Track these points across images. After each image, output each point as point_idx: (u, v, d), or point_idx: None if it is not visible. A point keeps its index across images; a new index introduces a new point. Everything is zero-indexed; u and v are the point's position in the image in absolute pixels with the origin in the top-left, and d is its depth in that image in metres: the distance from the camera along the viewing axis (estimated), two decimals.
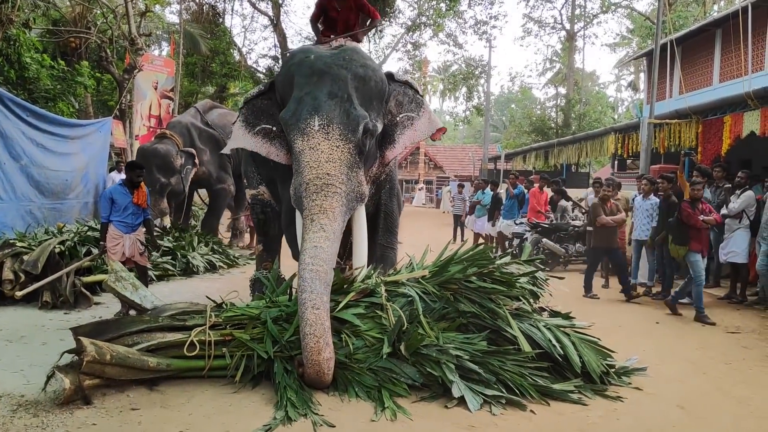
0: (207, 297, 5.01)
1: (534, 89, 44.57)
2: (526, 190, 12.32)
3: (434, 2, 23.89)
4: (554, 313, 5.35)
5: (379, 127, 5.15)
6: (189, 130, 11.81)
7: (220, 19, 24.62)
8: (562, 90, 36.97)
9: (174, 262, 9.11)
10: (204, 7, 24.16)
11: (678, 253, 7.55)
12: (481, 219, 13.58)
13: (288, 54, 6.10)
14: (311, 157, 4.66)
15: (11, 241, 7.13)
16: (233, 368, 4.29)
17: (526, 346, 4.49)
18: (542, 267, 5.94)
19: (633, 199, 9.55)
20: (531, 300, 5.21)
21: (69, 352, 4.05)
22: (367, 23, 6.33)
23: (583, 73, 39.22)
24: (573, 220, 11.29)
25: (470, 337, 4.54)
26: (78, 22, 17.05)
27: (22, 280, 6.63)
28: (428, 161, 41.88)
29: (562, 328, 4.85)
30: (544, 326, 4.75)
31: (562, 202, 11.34)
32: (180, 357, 4.25)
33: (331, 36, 5.77)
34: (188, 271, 9.22)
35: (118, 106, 15.13)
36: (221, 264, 10.08)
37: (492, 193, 13.19)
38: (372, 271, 5.10)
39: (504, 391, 4.21)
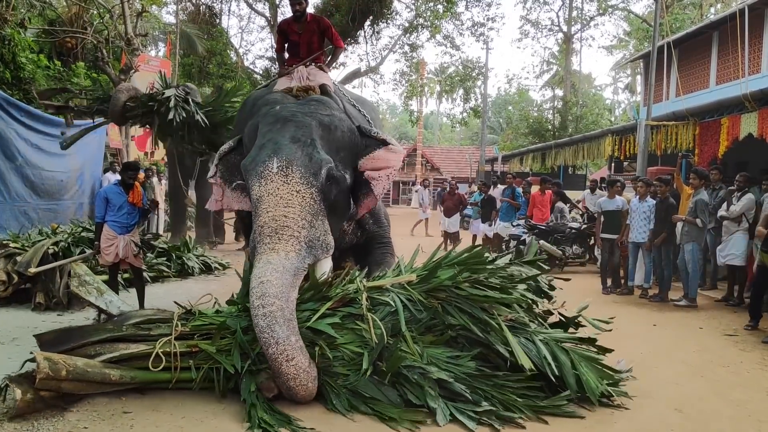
0: (175, 302, 4.77)
1: (531, 91, 44.58)
2: (522, 192, 12.33)
3: (431, 4, 23.85)
4: (562, 319, 5.01)
5: (348, 178, 4.86)
6: None
7: (217, 20, 24.58)
8: (559, 92, 36.97)
9: (169, 264, 9.06)
10: (201, 8, 24.11)
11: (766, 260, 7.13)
12: (476, 221, 13.59)
13: (252, 100, 5.66)
14: (269, 202, 4.31)
15: (5, 242, 7.10)
16: (200, 382, 4.09)
17: (526, 362, 4.14)
18: (546, 268, 5.59)
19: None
20: (533, 304, 4.84)
21: (31, 361, 3.84)
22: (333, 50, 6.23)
23: (580, 75, 39.23)
24: (570, 221, 11.28)
25: (458, 356, 4.23)
26: (74, 22, 16.96)
27: (14, 281, 6.59)
28: (425, 163, 41.87)
29: (561, 343, 4.46)
30: (541, 340, 4.37)
31: (560, 204, 11.31)
32: (145, 368, 4.04)
33: (293, 65, 5.63)
34: (183, 272, 9.18)
35: None
36: (217, 265, 10.03)
37: (483, 194, 13.22)
38: (356, 274, 4.76)
39: (498, 408, 4.00)
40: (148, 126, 7.30)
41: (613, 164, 17.65)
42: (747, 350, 6.17)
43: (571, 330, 4.95)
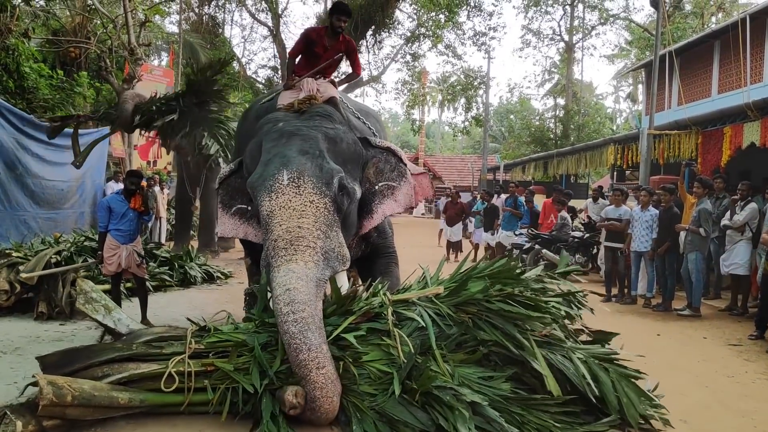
0: (188, 319, 4.56)
1: (533, 100, 44.62)
2: (524, 201, 12.34)
3: (433, 14, 23.93)
4: (591, 337, 4.78)
5: (358, 191, 4.76)
6: None
7: (220, 30, 24.72)
8: (561, 101, 37.03)
9: (171, 273, 9.05)
10: (203, 18, 24.24)
11: None
12: (479, 230, 13.59)
13: (253, 117, 5.59)
14: (281, 215, 4.14)
15: (7, 251, 7.09)
16: (216, 404, 3.84)
17: (555, 389, 3.85)
18: (582, 281, 5.27)
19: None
20: (566, 321, 4.58)
21: (33, 385, 3.61)
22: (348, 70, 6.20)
23: (581, 84, 39.28)
24: (573, 231, 11.27)
25: (491, 376, 3.94)
26: (78, 32, 17.03)
27: (17, 291, 6.58)
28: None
29: (599, 361, 4.18)
30: (579, 358, 4.09)
31: (563, 213, 11.30)
32: (156, 390, 3.80)
33: (302, 75, 5.48)
34: (186, 281, 9.15)
35: None
36: (219, 275, 10.02)
37: (486, 203, 13.23)
38: (379, 287, 4.49)
39: None
40: (153, 129, 7.38)
41: (615, 173, 17.66)
42: (751, 360, 6.14)
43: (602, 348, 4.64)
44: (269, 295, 4.12)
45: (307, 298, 3.80)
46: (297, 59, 5.79)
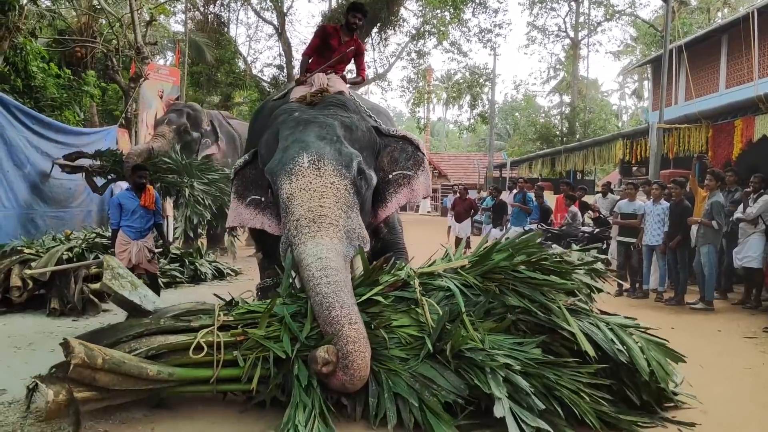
0: (215, 295, 4.55)
1: (538, 97, 44.57)
2: (533, 197, 12.29)
3: (438, 11, 23.92)
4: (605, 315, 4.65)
5: (374, 177, 4.79)
6: (215, 117, 12.33)
7: (225, 29, 24.75)
8: (566, 98, 36.98)
9: (182, 270, 9.05)
10: (209, 17, 24.27)
11: None
12: (488, 226, 13.55)
13: (268, 110, 5.67)
14: (302, 197, 4.17)
15: (19, 248, 7.09)
16: (247, 374, 3.71)
17: (589, 349, 3.81)
18: (601, 256, 5.15)
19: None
20: (590, 294, 4.50)
21: (57, 367, 3.59)
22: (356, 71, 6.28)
23: (587, 81, 39.20)
24: (582, 225, 11.22)
25: (522, 342, 3.90)
26: (84, 31, 17.09)
27: (29, 287, 6.59)
28: (433, 170, 41.87)
29: (625, 329, 4.18)
30: (606, 326, 4.07)
31: (573, 208, 11.25)
32: (184, 365, 3.72)
33: (315, 70, 5.55)
34: (196, 278, 9.16)
35: (123, 115, 15.13)
36: (229, 271, 10.01)
37: (494, 200, 13.20)
38: (403, 263, 4.54)
39: (559, 410, 3.59)
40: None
41: (622, 169, 17.59)
42: None
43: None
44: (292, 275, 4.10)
45: (339, 266, 3.84)
46: (310, 59, 5.86)
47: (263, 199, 4.97)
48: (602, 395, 3.80)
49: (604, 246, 11.20)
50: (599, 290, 4.61)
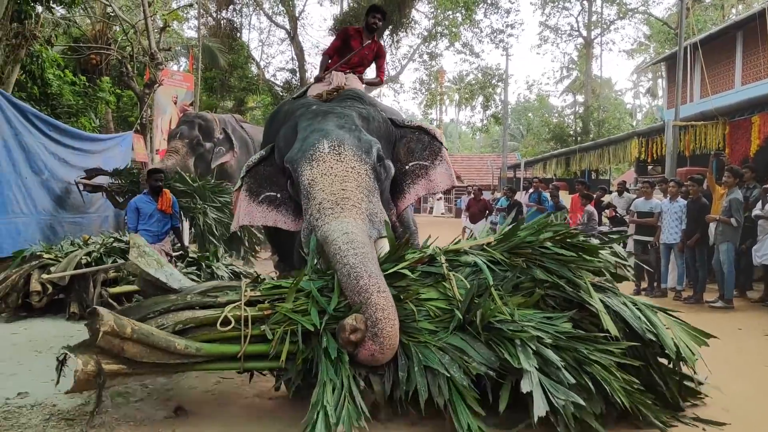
0: (241, 273, 4.57)
1: (551, 97, 44.39)
2: (549, 197, 12.23)
3: (450, 12, 23.91)
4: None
5: (392, 167, 4.78)
6: (228, 123, 12.25)
7: (238, 34, 24.87)
8: (580, 98, 36.80)
9: (199, 273, 9.07)
10: (221, 22, 24.41)
11: None
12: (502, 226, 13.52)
13: (285, 109, 5.74)
14: (324, 182, 4.18)
15: (38, 253, 7.15)
16: (275, 348, 3.59)
17: (612, 328, 3.75)
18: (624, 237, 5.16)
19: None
20: (615, 272, 4.42)
21: (84, 343, 3.51)
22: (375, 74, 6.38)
23: (600, 80, 38.98)
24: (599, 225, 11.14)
25: (552, 317, 3.83)
26: (99, 39, 17.26)
27: (49, 292, 6.64)
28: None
29: (652, 309, 4.18)
30: (633, 305, 4.03)
31: (589, 207, 11.18)
32: (211, 341, 3.62)
33: (333, 69, 5.64)
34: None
35: (138, 121, 15.25)
36: (245, 274, 10.02)
37: (509, 200, 13.17)
38: (428, 242, 4.50)
39: (590, 385, 3.51)
40: None
41: (638, 167, 17.47)
42: None
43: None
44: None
45: (365, 241, 3.82)
46: (330, 60, 5.95)
47: (279, 195, 4.95)
48: (630, 379, 3.71)
49: (621, 245, 11.13)
50: (623, 278, 4.57)
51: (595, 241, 4.72)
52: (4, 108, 8.71)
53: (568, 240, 4.25)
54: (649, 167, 17.42)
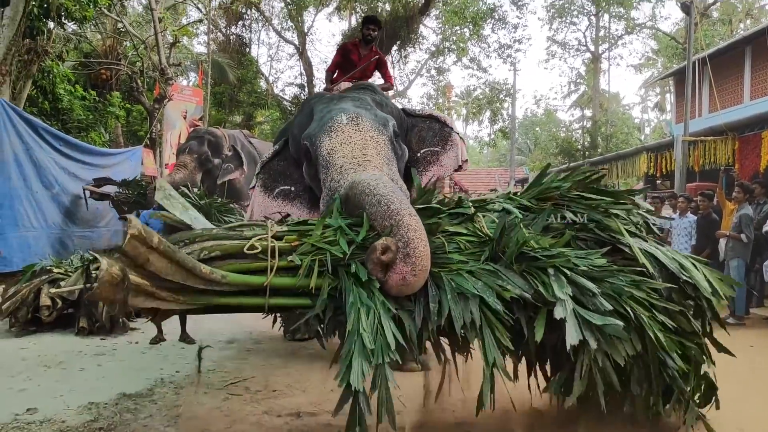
0: (265, 217, 4.48)
1: (559, 111, 44.41)
2: None
3: (458, 28, 23.99)
4: None
5: (405, 150, 4.89)
6: (237, 139, 12.26)
7: (247, 49, 25.01)
8: (588, 112, 36.77)
9: None
10: (231, 38, 24.58)
11: None
12: None
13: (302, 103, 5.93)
14: (343, 150, 4.21)
15: (48, 268, 7.17)
16: (304, 274, 3.38)
17: (644, 260, 3.63)
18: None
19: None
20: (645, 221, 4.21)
21: (110, 252, 3.50)
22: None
23: (609, 94, 38.98)
24: None
25: (586, 253, 3.64)
26: (109, 54, 17.42)
27: (59, 306, 6.66)
28: (454, 185, 41.78)
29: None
30: (663, 250, 3.88)
31: None
32: (238, 272, 3.42)
33: (340, 81, 5.78)
34: None
35: (148, 135, 15.34)
36: None
37: None
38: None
39: (630, 312, 3.37)
40: None
41: (646, 182, 17.41)
42: None
43: None
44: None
45: (390, 183, 3.73)
46: (334, 74, 6.13)
47: (293, 189, 5.07)
48: (664, 320, 3.56)
49: None
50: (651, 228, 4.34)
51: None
52: (15, 123, 8.79)
53: (593, 186, 4.11)
54: (658, 181, 17.37)
